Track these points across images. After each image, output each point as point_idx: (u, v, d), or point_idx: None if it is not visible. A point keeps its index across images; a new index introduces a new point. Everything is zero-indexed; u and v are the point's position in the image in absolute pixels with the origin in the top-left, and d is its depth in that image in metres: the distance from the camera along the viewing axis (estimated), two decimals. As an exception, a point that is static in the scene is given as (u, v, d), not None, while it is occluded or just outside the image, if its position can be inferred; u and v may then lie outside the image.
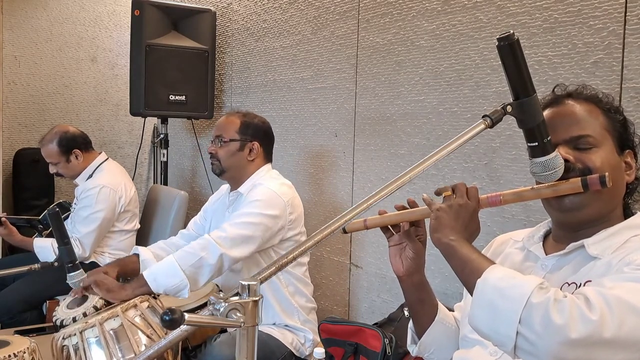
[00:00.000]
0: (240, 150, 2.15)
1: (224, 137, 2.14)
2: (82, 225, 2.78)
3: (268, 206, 2.01)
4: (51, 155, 2.87)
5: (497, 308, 0.90)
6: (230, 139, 2.14)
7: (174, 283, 1.86)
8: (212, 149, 2.17)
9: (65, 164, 2.89)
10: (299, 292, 2.16)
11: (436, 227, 1.08)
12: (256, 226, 1.97)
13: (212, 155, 2.17)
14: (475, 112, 2.05)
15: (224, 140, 2.14)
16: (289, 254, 0.89)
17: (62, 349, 1.59)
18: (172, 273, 1.86)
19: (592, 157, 1.08)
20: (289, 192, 2.10)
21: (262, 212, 1.99)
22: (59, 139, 2.85)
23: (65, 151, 2.87)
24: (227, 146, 2.14)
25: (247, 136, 2.16)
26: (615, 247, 1.04)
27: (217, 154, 2.15)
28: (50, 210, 1.75)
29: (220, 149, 2.14)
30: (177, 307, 0.75)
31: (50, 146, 2.86)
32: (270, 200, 2.02)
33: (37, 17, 3.94)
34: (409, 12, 2.30)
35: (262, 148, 2.18)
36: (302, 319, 2.14)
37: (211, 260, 1.90)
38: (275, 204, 2.02)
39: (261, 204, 2.01)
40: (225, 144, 2.14)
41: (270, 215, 2.00)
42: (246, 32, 3.36)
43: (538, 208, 1.72)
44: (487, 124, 1.01)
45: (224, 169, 2.16)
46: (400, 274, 1.26)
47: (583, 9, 1.73)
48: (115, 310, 1.63)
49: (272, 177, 2.16)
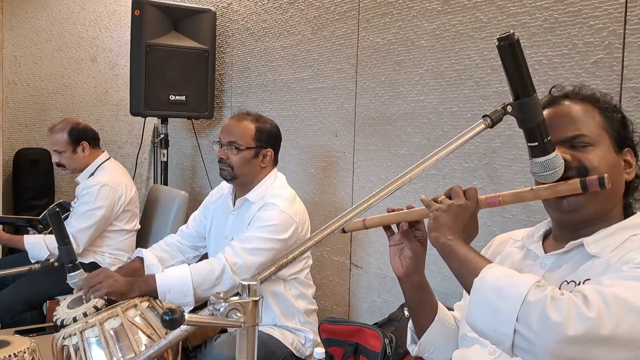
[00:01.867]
0: (255, 157, 2.10)
1: (240, 144, 2.07)
2: (78, 220, 2.77)
3: (282, 231, 2.00)
4: (59, 143, 2.89)
5: (494, 307, 0.90)
6: (246, 146, 2.07)
7: (183, 302, 1.88)
8: (224, 154, 2.09)
9: (70, 155, 2.90)
10: (302, 295, 2.15)
11: (434, 227, 1.08)
12: (269, 252, 1.98)
13: (223, 161, 2.09)
14: (476, 112, 2.05)
15: (240, 147, 2.07)
16: (288, 254, 0.90)
17: (62, 348, 1.59)
18: (185, 292, 1.89)
19: (589, 155, 1.08)
20: (299, 209, 2.09)
21: (276, 237, 1.99)
22: (70, 128, 2.88)
23: (74, 141, 2.88)
24: (242, 153, 2.07)
25: (262, 143, 2.11)
26: (615, 245, 1.05)
27: (230, 160, 2.08)
28: (51, 210, 1.74)
29: (234, 155, 2.07)
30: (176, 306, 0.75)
31: (60, 134, 2.88)
32: (284, 224, 2.01)
33: (37, 17, 3.94)
34: (409, 12, 2.30)
35: (273, 153, 2.16)
36: (302, 321, 2.14)
37: (223, 287, 1.93)
38: (289, 227, 2.02)
39: (275, 229, 1.99)
40: (240, 151, 2.07)
41: (284, 240, 2.00)
42: (246, 32, 3.36)
43: (538, 208, 1.72)
44: (487, 124, 1.01)
45: (237, 175, 2.09)
46: (399, 274, 1.26)
47: (583, 9, 1.73)
48: (115, 310, 1.63)
49: (281, 188, 2.13)
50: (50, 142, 2.93)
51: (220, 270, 1.93)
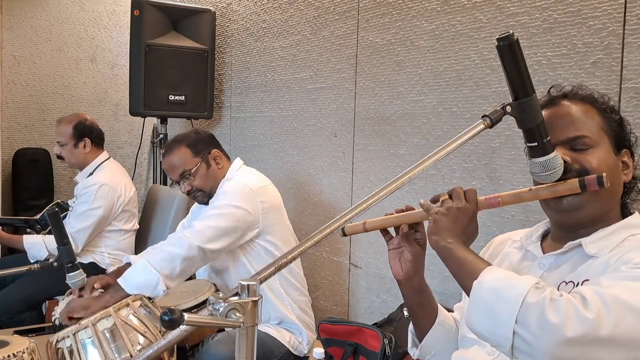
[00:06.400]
0: (208, 167, 2.16)
1: (189, 169, 2.13)
2: (77, 220, 2.78)
3: (235, 197, 2.02)
4: (62, 135, 2.91)
5: (493, 309, 0.90)
6: (194, 166, 2.13)
7: (146, 278, 1.87)
8: (186, 187, 2.15)
9: (71, 148, 2.91)
10: (291, 285, 2.15)
11: (434, 229, 1.08)
12: (225, 216, 1.98)
13: (190, 192, 2.16)
14: (475, 112, 2.06)
15: (191, 172, 2.13)
16: (288, 254, 0.90)
17: (57, 351, 1.60)
18: (143, 270, 1.89)
19: (589, 157, 1.08)
20: (258, 181, 2.12)
21: (229, 203, 2.00)
22: (77, 122, 2.91)
23: (77, 135, 2.90)
24: (197, 174, 2.13)
25: (202, 152, 2.16)
26: (613, 246, 1.05)
27: (194, 186, 2.15)
28: (50, 210, 1.75)
29: (194, 181, 2.14)
30: (174, 306, 0.75)
31: (66, 126, 2.90)
32: (236, 190, 2.03)
33: (37, 17, 3.93)
34: (408, 12, 2.30)
35: (220, 151, 2.21)
36: (296, 313, 2.14)
37: (180, 251, 1.91)
38: (243, 193, 2.03)
39: (228, 195, 2.02)
40: (194, 174, 2.13)
41: (239, 206, 2.01)
42: (246, 32, 3.36)
43: (537, 208, 1.72)
44: (487, 124, 1.01)
45: (209, 192, 2.15)
46: (399, 277, 1.25)
47: (582, 9, 1.73)
48: (108, 310, 1.64)
49: (241, 173, 2.17)
50: (56, 132, 2.96)
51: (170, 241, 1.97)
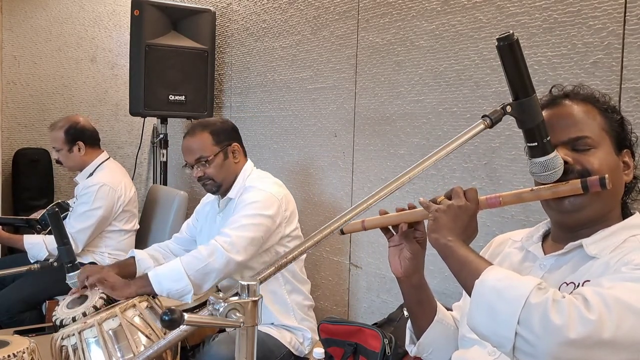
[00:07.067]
0: (226, 158, 2.15)
1: (206, 156, 2.11)
2: (77, 220, 2.77)
3: (265, 207, 2.03)
4: (56, 141, 2.91)
5: (495, 309, 0.89)
6: (213, 154, 2.11)
7: (179, 287, 1.87)
8: (199, 172, 2.13)
9: (66, 153, 2.91)
10: (296, 290, 2.16)
11: (434, 227, 1.07)
12: (257, 227, 2.00)
13: (201, 178, 2.14)
14: (475, 112, 2.06)
15: (208, 159, 2.10)
16: (288, 254, 0.90)
17: (61, 349, 1.59)
18: (178, 278, 1.88)
19: (591, 158, 1.08)
20: (281, 190, 2.14)
21: (260, 213, 2.02)
22: (67, 127, 2.89)
23: (69, 140, 2.89)
24: (214, 162, 2.11)
25: (224, 142, 2.15)
26: (614, 246, 1.05)
27: (207, 174, 2.12)
28: (50, 210, 1.75)
29: (208, 168, 2.11)
30: (175, 306, 0.75)
31: (58, 132, 2.89)
32: (266, 200, 2.04)
33: (37, 17, 3.93)
34: (408, 12, 2.30)
35: (240, 146, 2.21)
36: (298, 318, 2.14)
37: (218, 265, 1.92)
38: (271, 203, 2.05)
39: (259, 205, 2.03)
40: (210, 162, 2.11)
41: (269, 215, 2.03)
42: (246, 32, 3.36)
43: (537, 208, 1.72)
44: (487, 124, 1.01)
45: (220, 183, 2.14)
46: (399, 274, 1.25)
47: (582, 9, 1.73)
48: (114, 310, 1.63)
49: (260, 178, 2.17)
50: (50, 139, 2.96)
51: (210, 250, 1.94)
